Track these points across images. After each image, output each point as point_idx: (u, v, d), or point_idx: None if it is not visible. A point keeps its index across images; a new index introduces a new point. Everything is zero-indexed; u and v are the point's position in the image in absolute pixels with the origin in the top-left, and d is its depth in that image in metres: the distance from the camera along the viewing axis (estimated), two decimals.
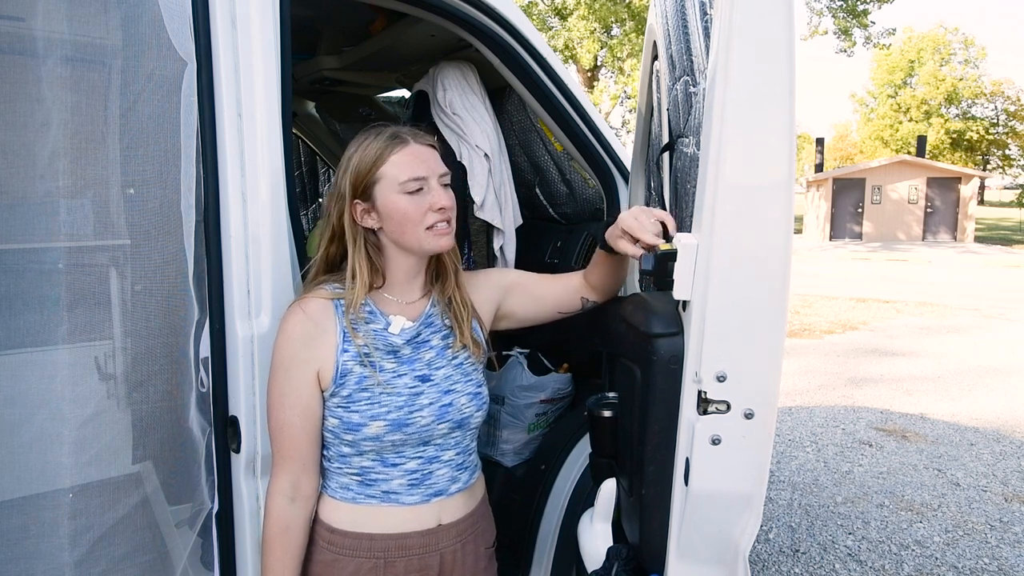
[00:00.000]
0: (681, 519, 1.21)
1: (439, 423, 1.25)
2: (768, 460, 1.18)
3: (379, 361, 1.23)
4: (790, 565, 3.18)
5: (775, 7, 1.07)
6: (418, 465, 1.25)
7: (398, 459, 1.24)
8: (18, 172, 1.23)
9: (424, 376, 1.26)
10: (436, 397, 1.25)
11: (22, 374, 1.20)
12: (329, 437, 1.24)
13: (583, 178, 2.36)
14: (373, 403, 1.21)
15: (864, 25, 18.27)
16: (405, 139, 1.23)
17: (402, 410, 1.21)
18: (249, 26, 1.32)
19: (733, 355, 1.13)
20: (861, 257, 18.36)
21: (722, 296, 1.12)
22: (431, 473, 1.26)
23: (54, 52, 1.17)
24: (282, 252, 1.36)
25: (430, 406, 1.24)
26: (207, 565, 1.38)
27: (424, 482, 1.26)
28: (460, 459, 1.31)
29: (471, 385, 1.31)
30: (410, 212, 1.22)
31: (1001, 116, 39.33)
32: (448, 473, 1.29)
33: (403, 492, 1.24)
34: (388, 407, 1.21)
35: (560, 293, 1.46)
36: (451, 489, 1.29)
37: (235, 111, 1.31)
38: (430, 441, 1.25)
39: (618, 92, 18.43)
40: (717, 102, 1.09)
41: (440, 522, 1.28)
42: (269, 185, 1.34)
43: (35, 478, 1.22)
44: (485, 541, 1.39)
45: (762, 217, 1.12)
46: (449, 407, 1.26)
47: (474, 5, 1.72)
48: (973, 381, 6.24)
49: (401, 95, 3.32)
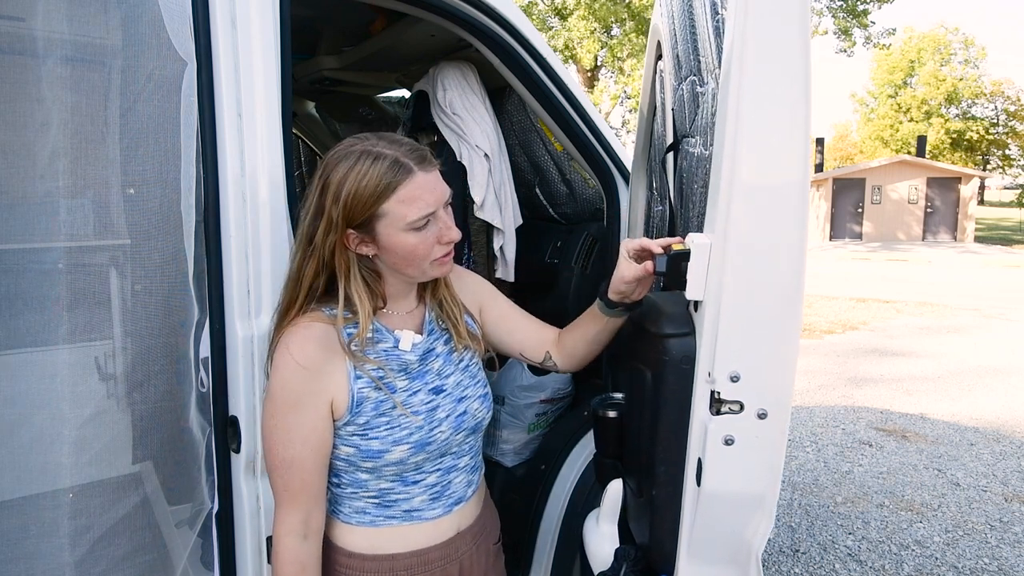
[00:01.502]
0: (693, 520, 1.20)
1: (457, 433, 1.21)
2: (781, 460, 1.18)
3: (393, 381, 1.15)
4: (790, 565, 3.18)
5: (790, 6, 1.07)
6: (438, 478, 1.21)
7: (418, 476, 1.18)
8: (18, 172, 1.23)
9: (437, 388, 1.20)
10: (452, 408, 1.21)
11: (22, 374, 1.20)
12: (342, 465, 1.16)
13: (583, 178, 2.36)
14: (393, 427, 1.13)
15: (864, 25, 18.27)
16: (410, 168, 1.09)
17: (423, 430, 1.15)
18: (249, 26, 1.31)
19: (747, 355, 1.13)
20: (861, 257, 18.36)
21: (736, 296, 1.11)
22: (450, 483, 1.23)
23: (54, 52, 1.17)
24: (282, 252, 1.36)
25: (447, 419, 1.19)
26: (207, 565, 1.38)
27: (445, 493, 1.22)
28: (473, 462, 1.29)
29: (479, 387, 1.28)
30: (419, 249, 1.13)
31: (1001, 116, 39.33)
32: (465, 478, 1.26)
33: (425, 508, 1.20)
34: (409, 429, 1.14)
35: (529, 337, 1.38)
36: (468, 494, 1.27)
37: (235, 111, 1.31)
38: (447, 451, 1.22)
39: (618, 92, 18.43)
40: (732, 102, 1.08)
41: (459, 530, 1.25)
42: (269, 185, 1.34)
43: (35, 478, 1.21)
44: (492, 537, 1.38)
45: (777, 217, 1.11)
46: (465, 415, 1.23)
47: (474, 5, 1.72)
48: (973, 381, 6.24)
49: (401, 95, 3.32)
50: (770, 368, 1.14)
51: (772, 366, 1.14)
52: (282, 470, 1.10)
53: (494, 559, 1.38)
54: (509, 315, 1.40)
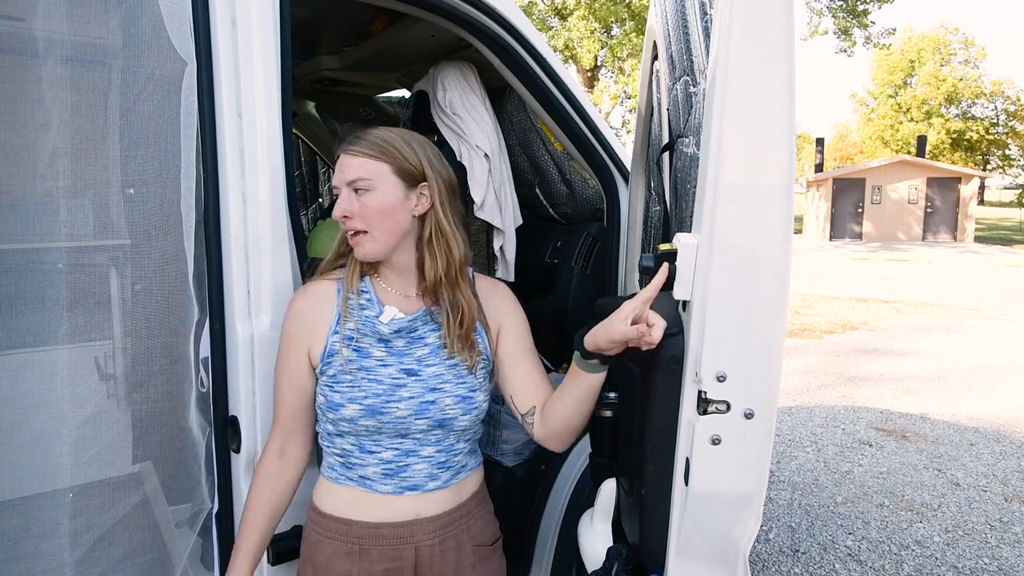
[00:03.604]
0: (681, 519, 1.21)
1: (417, 418, 1.25)
2: (768, 460, 1.18)
3: (368, 348, 1.26)
4: (790, 565, 3.18)
5: (775, 7, 1.07)
6: (393, 456, 1.27)
7: (374, 447, 1.26)
8: (18, 172, 1.23)
9: (411, 370, 1.26)
10: (419, 392, 1.25)
11: (22, 374, 1.20)
12: (319, 414, 1.29)
13: (583, 178, 2.36)
14: (354, 386, 1.23)
15: (864, 25, 18.27)
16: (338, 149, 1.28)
17: (379, 398, 1.23)
18: (249, 26, 1.32)
19: (733, 355, 1.13)
20: (861, 257, 18.37)
21: (722, 296, 1.12)
22: (407, 466, 1.27)
23: (54, 52, 1.17)
24: (282, 252, 1.36)
25: (410, 400, 1.24)
26: (207, 565, 1.39)
27: (398, 474, 1.27)
28: (443, 457, 1.30)
29: (462, 388, 1.28)
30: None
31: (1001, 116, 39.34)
32: (426, 470, 1.28)
33: (377, 480, 1.27)
34: (366, 392, 1.23)
35: (526, 386, 1.35)
36: (428, 486, 1.28)
37: (235, 111, 1.31)
38: (407, 435, 1.26)
39: (618, 92, 18.43)
40: (717, 102, 1.09)
41: (417, 515, 1.28)
42: (269, 185, 1.34)
43: (35, 478, 1.22)
44: (475, 539, 1.36)
45: (762, 217, 1.12)
46: (431, 404, 1.25)
47: (474, 5, 1.72)
48: (973, 381, 6.24)
49: (401, 95, 3.32)
50: (756, 368, 1.14)
51: (758, 366, 1.15)
52: (273, 398, 1.31)
53: (474, 560, 1.35)
54: (517, 355, 1.37)
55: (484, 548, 1.38)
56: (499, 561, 1.43)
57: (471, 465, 1.37)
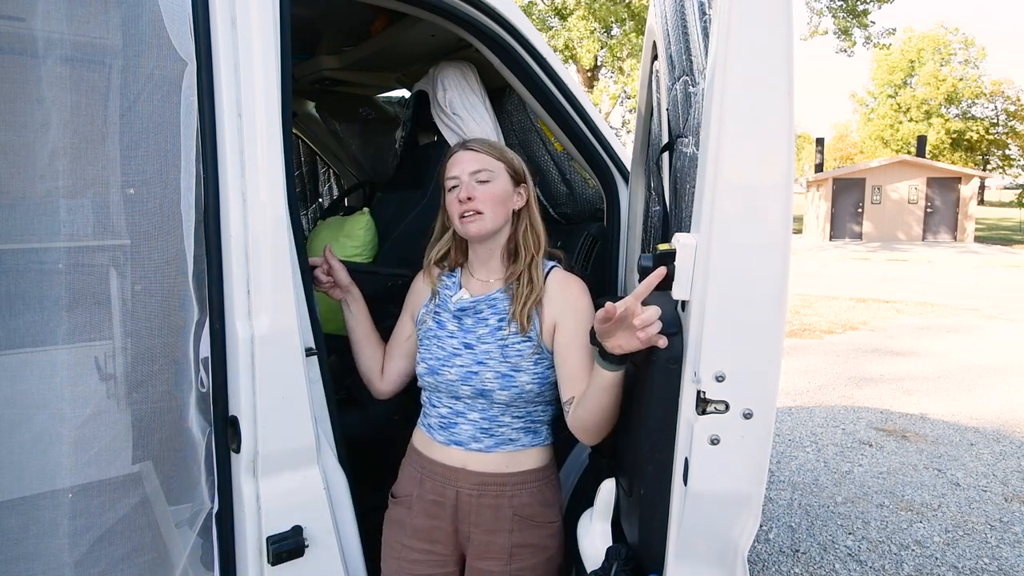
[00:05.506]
0: (680, 519, 1.21)
1: (463, 385, 1.48)
2: (767, 460, 1.18)
3: (445, 321, 1.55)
4: (790, 565, 3.18)
5: (774, 7, 1.07)
6: (447, 412, 1.52)
7: (436, 402, 1.55)
8: (18, 172, 1.23)
9: (469, 344, 1.50)
10: (468, 363, 1.48)
11: (22, 374, 1.20)
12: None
13: (583, 178, 2.36)
14: (427, 349, 1.55)
15: (864, 25, 18.27)
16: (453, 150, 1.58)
17: (439, 361, 1.51)
18: (249, 26, 1.32)
19: (732, 355, 1.13)
20: (861, 257, 18.37)
21: (721, 296, 1.12)
22: (456, 424, 1.51)
23: (54, 52, 1.17)
24: (282, 252, 1.36)
25: (460, 368, 1.49)
26: (207, 565, 1.39)
27: (449, 428, 1.52)
28: (486, 424, 1.49)
29: (504, 366, 1.46)
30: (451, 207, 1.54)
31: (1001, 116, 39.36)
32: (470, 431, 1.50)
33: (436, 429, 1.54)
34: (433, 355, 1.53)
35: (572, 378, 1.44)
36: (472, 445, 1.49)
37: (235, 111, 1.31)
38: (459, 398, 1.50)
39: (618, 92, 18.43)
40: (716, 102, 1.09)
41: (464, 465, 1.49)
42: (269, 185, 1.34)
43: (35, 478, 1.22)
44: (518, 509, 1.47)
45: (761, 217, 1.12)
46: (474, 375, 1.47)
47: (474, 5, 1.72)
48: (973, 381, 6.24)
49: (401, 95, 3.32)
50: (755, 368, 1.15)
51: (757, 366, 1.15)
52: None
53: (516, 528, 1.46)
54: (569, 348, 1.46)
55: (524, 521, 1.47)
56: (544, 539, 1.50)
57: (524, 442, 1.51)
